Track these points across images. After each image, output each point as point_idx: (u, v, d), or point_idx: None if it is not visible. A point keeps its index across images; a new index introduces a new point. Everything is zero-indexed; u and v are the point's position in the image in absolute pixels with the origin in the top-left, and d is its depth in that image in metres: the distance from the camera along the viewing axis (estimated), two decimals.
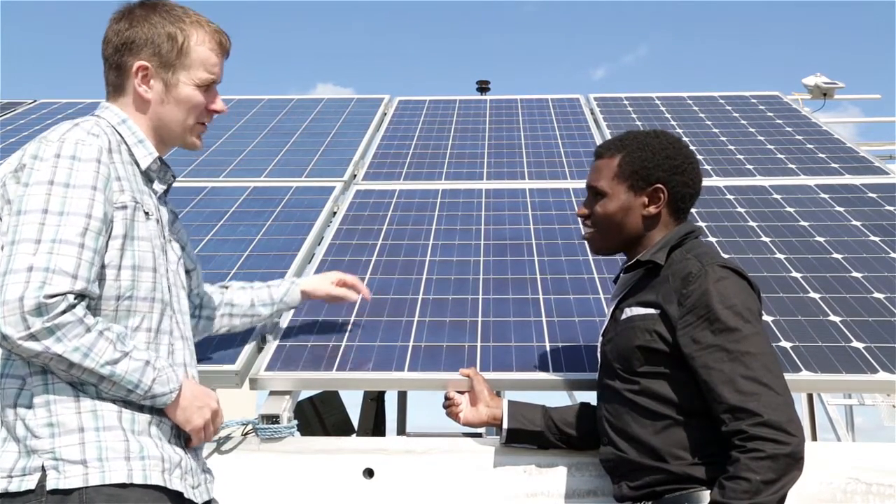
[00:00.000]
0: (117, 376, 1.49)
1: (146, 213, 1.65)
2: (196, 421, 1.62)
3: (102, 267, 1.55)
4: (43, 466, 1.45)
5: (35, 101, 5.41)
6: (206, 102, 1.75)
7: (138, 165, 1.69)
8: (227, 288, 2.15)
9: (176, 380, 1.58)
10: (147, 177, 1.72)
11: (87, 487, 1.45)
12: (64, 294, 1.42)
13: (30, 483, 1.44)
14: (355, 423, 4.88)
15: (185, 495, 1.58)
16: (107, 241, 1.54)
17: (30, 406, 1.49)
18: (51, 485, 1.44)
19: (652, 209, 1.82)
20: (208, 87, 1.75)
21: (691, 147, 4.07)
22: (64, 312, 1.42)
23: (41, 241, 1.44)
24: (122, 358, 1.49)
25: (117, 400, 1.54)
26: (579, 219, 1.95)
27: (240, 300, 2.13)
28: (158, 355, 1.61)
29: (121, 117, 1.69)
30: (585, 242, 1.94)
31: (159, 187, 1.77)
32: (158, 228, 1.70)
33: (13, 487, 1.45)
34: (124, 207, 1.59)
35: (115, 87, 1.72)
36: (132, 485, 1.48)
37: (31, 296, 1.40)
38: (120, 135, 1.67)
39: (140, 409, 1.57)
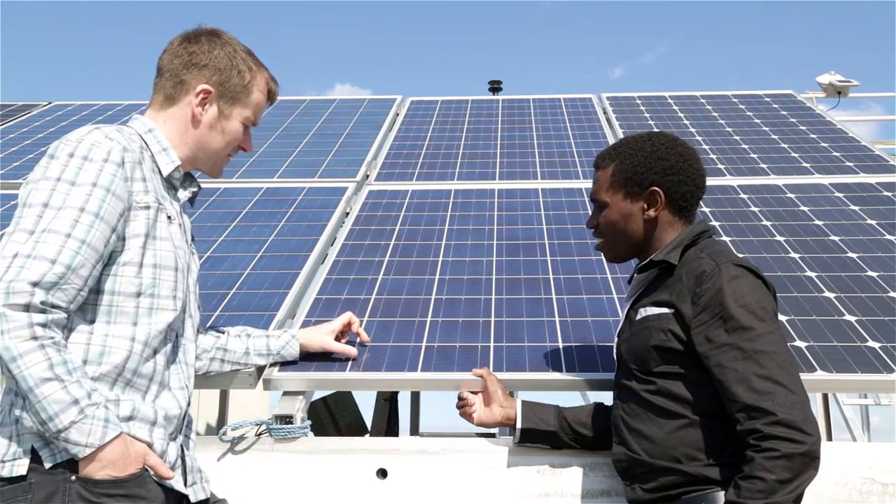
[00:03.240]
0: (35, 396, 1.42)
1: (168, 217, 1.71)
2: (119, 475, 1.50)
3: (122, 265, 1.60)
4: (33, 448, 1.49)
5: (50, 102, 5.45)
6: (242, 140, 1.86)
7: (160, 172, 1.75)
8: (223, 332, 2.09)
9: (101, 436, 1.46)
10: (170, 184, 1.78)
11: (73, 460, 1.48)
12: (32, 289, 1.44)
13: (20, 468, 1.48)
14: (368, 423, 4.89)
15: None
16: (108, 237, 1.56)
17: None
18: (46, 464, 1.48)
19: (652, 212, 1.82)
20: (247, 127, 1.86)
21: (704, 146, 4.07)
22: (23, 308, 1.43)
23: (34, 231, 1.50)
24: (51, 380, 1.43)
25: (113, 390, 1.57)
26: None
27: (234, 347, 2.07)
28: (125, 395, 1.58)
29: (148, 126, 1.77)
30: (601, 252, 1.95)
31: (183, 195, 1.83)
32: (181, 233, 1.77)
33: (5, 472, 1.48)
34: (147, 208, 1.65)
35: (168, 97, 1.78)
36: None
37: (6, 279, 1.44)
38: (145, 142, 1.74)
39: (149, 405, 1.61)
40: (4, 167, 4.12)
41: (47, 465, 1.48)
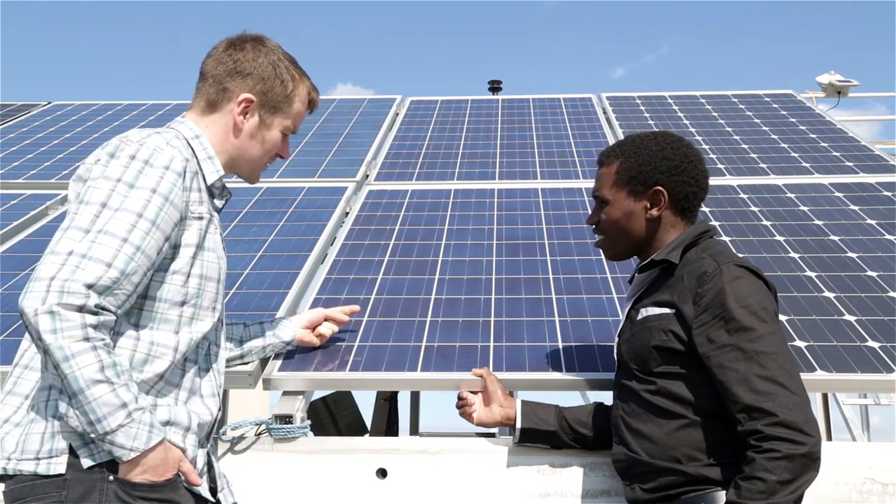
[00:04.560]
0: (84, 398, 1.41)
1: (215, 227, 1.72)
2: (157, 479, 1.52)
3: (172, 273, 1.60)
4: (70, 447, 1.49)
5: (49, 102, 5.45)
6: (280, 147, 1.86)
7: (204, 180, 1.74)
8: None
9: (146, 441, 1.47)
10: (210, 192, 1.77)
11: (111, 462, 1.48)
12: (87, 291, 1.43)
13: (58, 466, 1.48)
14: (368, 423, 4.88)
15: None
16: (161, 245, 1.56)
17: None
18: (85, 464, 1.48)
19: (654, 212, 1.82)
20: (285, 135, 1.86)
21: (704, 146, 4.07)
22: (77, 309, 1.42)
23: (90, 230, 1.48)
24: (101, 382, 1.42)
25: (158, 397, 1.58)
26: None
27: (231, 332, 2.09)
28: (173, 397, 1.60)
29: (195, 132, 1.75)
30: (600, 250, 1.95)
31: (219, 203, 1.83)
32: (221, 242, 1.78)
33: (41, 470, 1.48)
34: (201, 218, 1.66)
35: (211, 104, 1.78)
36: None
37: (60, 277, 1.42)
38: (192, 149, 1.73)
39: (183, 410, 1.62)
40: (4, 167, 4.12)
41: (85, 465, 1.48)
